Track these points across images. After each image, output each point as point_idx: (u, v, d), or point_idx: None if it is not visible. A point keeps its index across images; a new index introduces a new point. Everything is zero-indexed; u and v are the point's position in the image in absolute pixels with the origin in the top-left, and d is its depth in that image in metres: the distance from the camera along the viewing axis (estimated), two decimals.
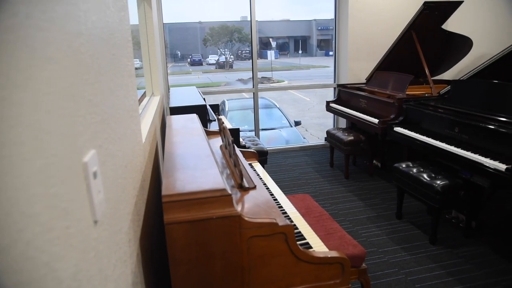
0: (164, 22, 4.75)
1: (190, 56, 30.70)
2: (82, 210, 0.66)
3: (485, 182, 2.68)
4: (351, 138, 4.10)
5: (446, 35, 4.16)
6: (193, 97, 3.54)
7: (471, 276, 2.46)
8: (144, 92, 3.24)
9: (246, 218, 1.20)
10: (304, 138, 7.28)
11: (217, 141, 2.24)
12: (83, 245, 0.64)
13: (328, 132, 4.57)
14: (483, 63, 3.23)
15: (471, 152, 2.67)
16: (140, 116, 2.20)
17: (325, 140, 4.72)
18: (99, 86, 0.85)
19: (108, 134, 0.92)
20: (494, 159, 2.50)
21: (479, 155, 2.61)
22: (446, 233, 2.98)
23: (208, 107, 3.62)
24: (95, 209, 0.71)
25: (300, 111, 13.18)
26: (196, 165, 1.42)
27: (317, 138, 8.37)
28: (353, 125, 4.65)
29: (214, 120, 3.33)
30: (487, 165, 2.51)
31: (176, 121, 2.31)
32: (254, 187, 1.50)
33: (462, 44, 4.15)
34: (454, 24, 4.65)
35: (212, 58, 30.00)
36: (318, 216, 2.15)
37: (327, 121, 6.28)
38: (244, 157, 2.16)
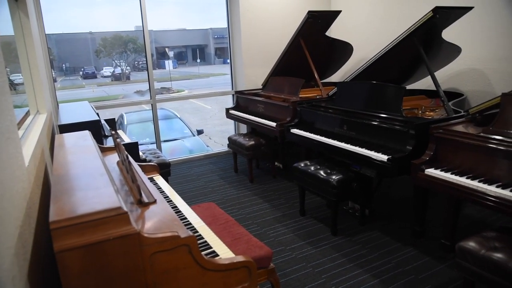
0: (48, 32, 4.39)
1: (82, 69, 28.66)
2: None
3: (372, 172, 2.96)
4: (252, 142, 4.22)
5: (330, 41, 4.51)
6: (85, 113, 3.32)
7: (369, 259, 2.70)
8: (28, 111, 2.94)
9: (146, 235, 1.16)
10: (207, 146, 7.29)
11: (114, 158, 2.13)
12: None
13: (229, 139, 4.64)
14: (363, 65, 3.57)
15: (359, 147, 2.93)
16: (23, 137, 2.00)
17: (228, 146, 4.77)
18: None
19: None
20: (378, 151, 2.78)
21: (365, 149, 2.88)
22: (345, 223, 3.22)
23: (103, 122, 3.43)
24: None
25: (202, 119, 13.17)
26: (89, 185, 1.33)
27: (221, 145, 8.43)
28: (254, 129, 4.78)
29: (111, 136, 3.16)
30: (372, 157, 2.78)
31: (66, 139, 2.14)
32: (155, 202, 1.46)
33: (344, 49, 4.55)
34: (337, 31, 5.07)
35: (107, 70, 28.36)
36: (224, 223, 2.16)
37: (230, 127, 6.36)
38: (143, 171, 2.09)
